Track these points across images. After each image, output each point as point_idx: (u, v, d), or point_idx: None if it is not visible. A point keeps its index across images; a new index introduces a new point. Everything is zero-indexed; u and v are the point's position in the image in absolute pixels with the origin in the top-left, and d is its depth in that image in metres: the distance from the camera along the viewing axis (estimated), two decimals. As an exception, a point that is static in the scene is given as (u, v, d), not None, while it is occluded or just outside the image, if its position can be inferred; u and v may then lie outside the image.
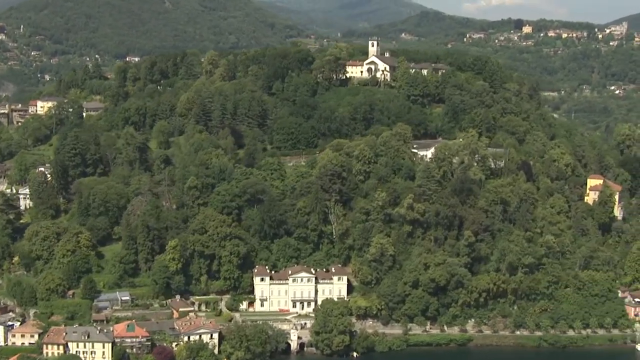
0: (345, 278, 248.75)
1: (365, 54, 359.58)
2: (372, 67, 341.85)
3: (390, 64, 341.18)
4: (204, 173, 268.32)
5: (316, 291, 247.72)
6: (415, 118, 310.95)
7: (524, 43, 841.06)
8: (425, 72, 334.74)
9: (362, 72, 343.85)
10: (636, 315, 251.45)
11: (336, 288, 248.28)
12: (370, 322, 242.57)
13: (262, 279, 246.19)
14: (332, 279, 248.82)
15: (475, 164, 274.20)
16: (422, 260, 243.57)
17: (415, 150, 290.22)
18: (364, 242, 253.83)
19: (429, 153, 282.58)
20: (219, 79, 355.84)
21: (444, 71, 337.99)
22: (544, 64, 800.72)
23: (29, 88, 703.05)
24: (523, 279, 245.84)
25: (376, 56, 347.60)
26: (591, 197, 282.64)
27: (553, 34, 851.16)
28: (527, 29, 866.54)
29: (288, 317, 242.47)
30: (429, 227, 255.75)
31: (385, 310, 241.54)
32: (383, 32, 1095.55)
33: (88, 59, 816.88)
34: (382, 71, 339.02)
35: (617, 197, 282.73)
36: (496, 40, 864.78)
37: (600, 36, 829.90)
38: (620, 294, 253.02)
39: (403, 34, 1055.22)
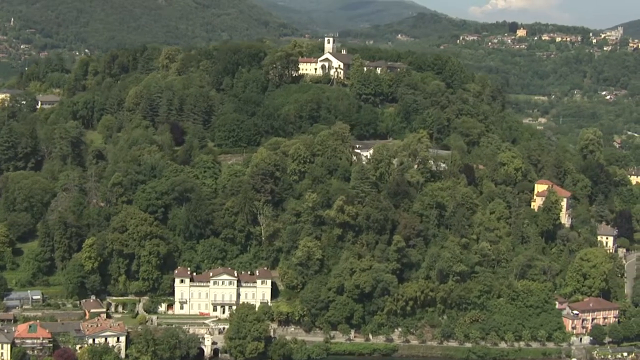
0: (269, 282, 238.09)
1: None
2: (326, 64, 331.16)
3: (344, 62, 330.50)
4: (134, 169, 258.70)
5: (238, 295, 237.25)
6: (364, 117, 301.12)
7: (517, 46, 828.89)
8: (379, 70, 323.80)
9: (316, 69, 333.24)
10: (574, 328, 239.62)
11: (259, 292, 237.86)
12: (292, 329, 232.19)
13: (181, 281, 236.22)
14: (255, 282, 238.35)
15: (416, 166, 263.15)
16: (348, 266, 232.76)
17: (358, 151, 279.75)
18: (292, 245, 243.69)
19: (368, 154, 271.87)
20: (174, 74, 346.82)
21: (398, 70, 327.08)
22: (536, 67, 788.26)
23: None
24: (454, 287, 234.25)
25: (331, 53, 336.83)
26: (538, 203, 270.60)
27: (547, 38, 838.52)
28: (521, 32, 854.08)
29: (206, 321, 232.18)
30: (361, 230, 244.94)
31: (308, 316, 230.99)
32: (380, 33, 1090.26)
33: (78, 53, 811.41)
34: (336, 69, 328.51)
35: (564, 203, 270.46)
36: (489, 43, 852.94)
37: (594, 41, 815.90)
38: (557, 305, 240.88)
39: (399, 35, 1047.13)
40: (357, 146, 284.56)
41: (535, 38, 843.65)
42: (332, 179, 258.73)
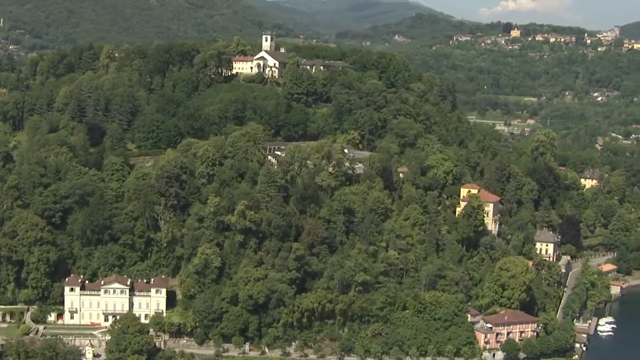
0: (164, 291, 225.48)
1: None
2: (262, 62, 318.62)
3: (280, 60, 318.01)
4: (38, 172, 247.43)
5: (132, 304, 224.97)
6: (294, 118, 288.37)
7: (510, 47, 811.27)
8: (314, 69, 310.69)
9: (252, 68, 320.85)
10: (487, 342, 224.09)
11: (154, 301, 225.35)
12: (185, 341, 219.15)
13: (71, 289, 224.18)
14: (150, 291, 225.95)
15: (330, 168, 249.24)
16: (243, 275, 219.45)
17: (278, 153, 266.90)
18: (192, 252, 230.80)
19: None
20: (114, 73, 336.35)
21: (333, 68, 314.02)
22: (528, 68, 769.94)
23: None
24: (355, 298, 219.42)
25: (267, 52, 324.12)
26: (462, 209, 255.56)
27: (541, 38, 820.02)
28: (515, 33, 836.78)
29: (94, 332, 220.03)
30: (265, 237, 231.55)
31: (201, 328, 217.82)
32: (378, 34, 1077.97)
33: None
34: (271, 67, 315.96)
35: (490, 208, 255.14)
36: (482, 44, 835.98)
37: (589, 42, 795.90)
38: (470, 318, 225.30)
39: (396, 36, 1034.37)
40: (282, 147, 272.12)
41: (529, 39, 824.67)
42: (243, 183, 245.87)
